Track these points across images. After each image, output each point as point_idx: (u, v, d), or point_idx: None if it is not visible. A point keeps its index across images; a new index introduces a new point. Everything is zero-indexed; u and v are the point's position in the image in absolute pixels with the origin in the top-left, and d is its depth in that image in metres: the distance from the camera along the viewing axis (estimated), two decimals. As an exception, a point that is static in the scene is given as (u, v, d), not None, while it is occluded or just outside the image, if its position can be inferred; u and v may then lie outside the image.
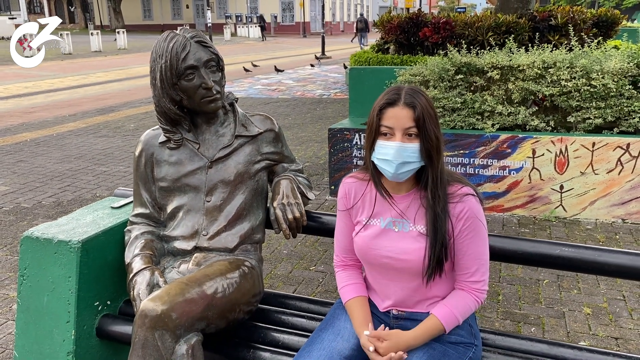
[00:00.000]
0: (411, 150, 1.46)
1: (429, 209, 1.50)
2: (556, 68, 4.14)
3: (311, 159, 6.11)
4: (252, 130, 1.97)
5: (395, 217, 1.56)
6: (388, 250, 1.55)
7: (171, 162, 1.93)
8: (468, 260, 1.52)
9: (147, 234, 1.92)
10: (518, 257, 1.80)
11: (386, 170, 1.50)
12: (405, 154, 1.45)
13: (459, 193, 1.51)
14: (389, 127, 1.47)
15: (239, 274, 1.79)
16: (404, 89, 1.49)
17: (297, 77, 14.70)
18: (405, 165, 1.47)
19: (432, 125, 1.46)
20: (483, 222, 1.53)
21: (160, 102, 1.86)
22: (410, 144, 1.46)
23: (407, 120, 1.45)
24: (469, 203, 1.50)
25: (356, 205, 1.64)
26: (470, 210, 1.50)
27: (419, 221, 1.53)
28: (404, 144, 1.46)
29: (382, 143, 1.48)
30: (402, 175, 1.49)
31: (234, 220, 1.91)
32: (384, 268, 1.57)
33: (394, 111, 1.47)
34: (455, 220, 1.50)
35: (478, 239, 1.52)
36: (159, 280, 1.76)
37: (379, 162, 1.50)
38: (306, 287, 3.17)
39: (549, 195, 4.18)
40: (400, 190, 1.57)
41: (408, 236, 1.54)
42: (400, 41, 8.32)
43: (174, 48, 1.78)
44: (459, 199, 1.50)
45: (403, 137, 1.46)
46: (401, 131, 1.46)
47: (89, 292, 1.90)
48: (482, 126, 4.25)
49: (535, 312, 2.91)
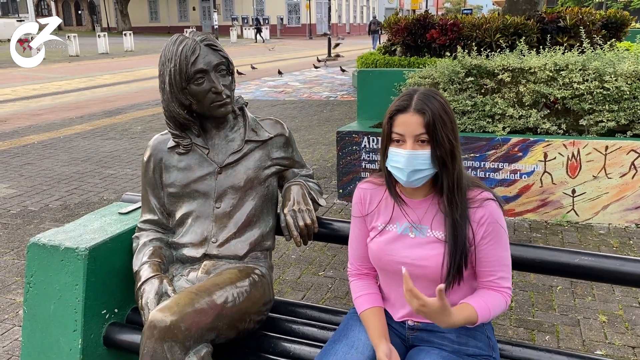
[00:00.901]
0: (422, 158, 1.42)
1: (447, 215, 1.46)
2: (568, 70, 4.08)
3: (319, 161, 6.07)
4: (262, 135, 1.93)
5: (412, 223, 1.52)
6: (403, 256, 1.50)
7: (180, 167, 1.89)
8: (491, 266, 1.48)
9: (155, 241, 1.89)
10: (536, 265, 1.75)
11: (399, 177, 1.47)
12: (416, 161, 1.42)
13: (479, 198, 1.47)
14: (400, 134, 1.44)
15: (249, 283, 1.75)
16: (417, 94, 1.45)
17: (304, 79, 14.67)
18: (417, 172, 1.43)
19: (446, 130, 1.42)
20: (504, 227, 1.48)
21: (169, 107, 1.82)
22: (422, 150, 1.42)
23: (417, 126, 1.41)
24: (490, 208, 1.46)
25: (372, 211, 1.60)
26: (491, 216, 1.46)
27: (437, 227, 1.49)
28: (415, 152, 1.42)
29: (394, 150, 1.45)
30: (416, 182, 1.46)
31: (243, 227, 1.87)
32: (399, 275, 1.53)
33: (404, 118, 1.43)
34: (476, 226, 1.46)
35: (500, 245, 1.48)
36: (167, 288, 1.72)
37: (392, 170, 1.47)
38: (315, 293, 3.13)
39: (560, 199, 4.12)
40: (417, 196, 1.52)
41: (425, 242, 1.49)
42: (407, 43, 8.29)
43: (184, 52, 1.74)
44: (479, 204, 1.46)
45: (414, 143, 1.42)
46: (412, 138, 1.42)
47: (96, 300, 1.86)
48: (493, 129, 4.19)
49: (549, 319, 2.85)
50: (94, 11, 53.16)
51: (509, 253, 1.51)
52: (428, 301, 1.31)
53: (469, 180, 1.51)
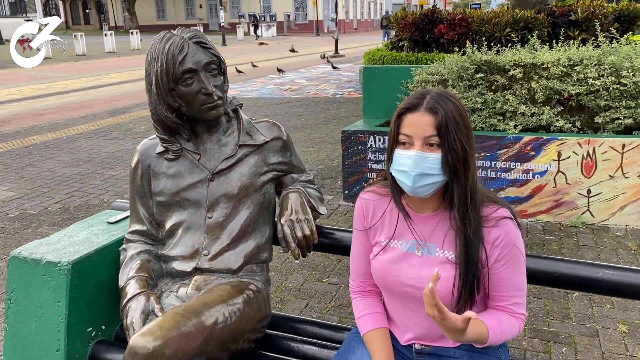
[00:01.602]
0: (431, 161, 1.27)
1: (458, 232, 1.31)
2: (583, 65, 3.91)
3: (324, 161, 5.93)
4: (257, 139, 1.79)
5: (419, 240, 1.38)
6: (410, 278, 1.36)
7: (169, 174, 1.76)
8: (506, 290, 1.34)
9: (143, 254, 1.76)
10: (554, 279, 1.60)
11: (404, 183, 1.31)
12: (424, 164, 1.27)
13: (494, 216, 1.32)
14: (408, 135, 1.29)
15: (242, 300, 1.61)
16: (430, 93, 1.31)
17: (310, 76, 14.52)
18: (424, 177, 1.28)
19: (460, 135, 1.27)
20: (521, 249, 1.33)
21: (156, 110, 1.70)
22: (431, 153, 1.27)
23: (428, 127, 1.27)
24: (506, 228, 1.31)
25: (375, 225, 1.46)
26: (507, 237, 1.31)
27: (447, 246, 1.34)
28: (424, 154, 1.27)
29: (400, 152, 1.30)
30: (422, 190, 1.30)
31: (237, 238, 1.73)
32: (405, 297, 1.39)
33: (413, 117, 1.29)
34: (490, 248, 1.31)
35: (516, 269, 1.33)
36: (154, 306, 1.59)
37: (397, 174, 1.32)
38: (319, 301, 3.00)
39: (575, 200, 3.95)
40: (425, 209, 1.38)
41: (433, 262, 1.35)
42: (415, 38, 8.11)
43: (171, 50, 1.61)
44: (495, 223, 1.31)
45: (423, 146, 1.28)
46: (421, 140, 1.27)
47: (80, 317, 1.74)
48: (504, 127, 4.04)
49: (565, 329, 2.70)
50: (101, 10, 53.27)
51: (524, 277, 1.36)
52: (450, 317, 1.16)
53: (484, 194, 1.36)
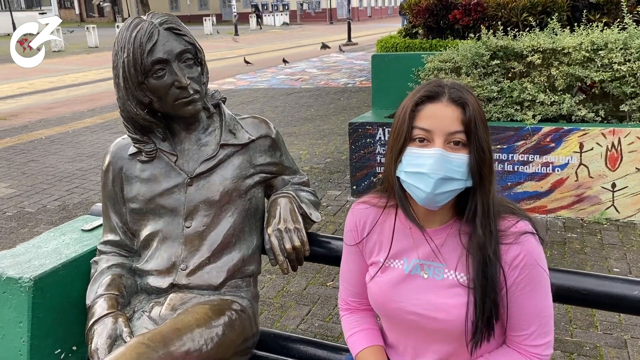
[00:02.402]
0: (457, 163, 1.04)
1: (475, 250, 1.09)
2: (607, 50, 3.63)
3: (333, 154, 5.72)
4: (241, 138, 1.59)
5: (424, 259, 1.16)
6: (414, 305, 1.15)
7: (143, 178, 1.56)
8: (525, 318, 1.11)
9: (115, 268, 1.57)
10: (581, 297, 1.38)
11: (418, 189, 1.06)
12: (448, 166, 1.04)
13: (513, 231, 1.10)
14: (427, 129, 1.05)
15: (223, 323, 1.42)
16: (449, 83, 1.09)
17: (322, 66, 14.26)
18: (447, 183, 1.04)
19: (484, 133, 1.06)
20: (545, 269, 1.11)
21: (125, 106, 1.50)
22: (456, 154, 1.05)
23: (453, 121, 1.04)
24: (527, 245, 1.09)
25: (370, 241, 1.25)
26: (529, 256, 1.08)
27: (458, 266, 1.13)
28: (448, 153, 1.04)
29: (415, 151, 1.06)
30: (440, 198, 1.07)
31: (219, 250, 1.54)
32: (410, 327, 1.18)
33: (435, 108, 1.06)
34: (508, 269, 1.09)
35: (538, 292, 1.10)
36: (122, 330, 1.40)
37: (409, 178, 1.08)
38: (322, 307, 2.80)
39: (598, 194, 3.70)
40: (432, 222, 1.16)
41: (442, 286, 1.14)
42: (429, 25, 7.85)
43: (138, 38, 1.41)
44: (514, 239, 1.09)
45: (445, 144, 1.05)
46: (443, 136, 1.04)
47: (46, 338, 1.56)
48: (522, 117, 3.78)
49: (590, 339, 2.47)
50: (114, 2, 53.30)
51: (549, 301, 1.13)
52: None
53: (500, 202, 1.14)
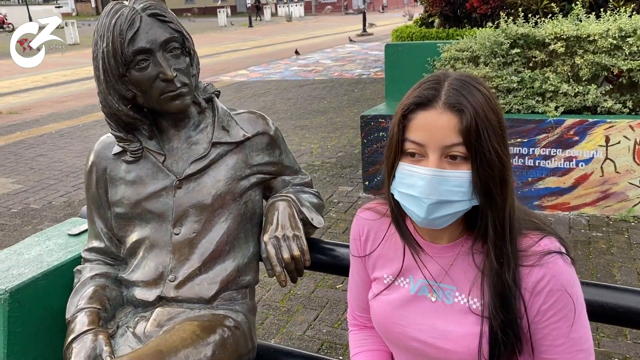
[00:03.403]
0: (455, 183, 0.88)
1: (490, 274, 0.93)
2: (637, 36, 3.41)
3: (345, 147, 5.56)
4: (235, 135, 1.44)
5: (431, 279, 1.01)
6: (419, 330, 1.00)
7: (128, 180, 1.43)
8: (556, 353, 0.94)
9: (99, 278, 1.44)
10: (618, 317, 1.21)
11: (412, 212, 0.93)
12: (443, 188, 0.88)
13: (536, 250, 0.93)
14: (418, 143, 0.89)
15: (213, 343, 1.27)
16: (448, 80, 0.91)
17: (336, 57, 14.05)
18: (444, 206, 0.89)
19: (494, 142, 0.87)
20: (577, 293, 0.93)
21: (107, 101, 1.36)
22: (454, 171, 0.88)
23: (449, 132, 0.87)
24: (553, 268, 0.92)
25: (374, 254, 1.10)
26: (554, 279, 0.91)
27: (470, 290, 0.97)
28: (443, 172, 0.88)
29: (406, 168, 0.91)
30: (439, 222, 0.92)
31: (212, 259, 1.39)
32: (414, 355, 1.03)
33: (427, 117, 0.89)
34: (530, 296, 0.92)
35: (569, 322, 0.92)
36: (102, 349, 1.27)
37: (402, 199, 0.94)
38: (330, 312, 2.65)
39: (625, 190, 3.49)
40: (439, 238, 1.00)
41: (452, 311, 0.98)
42: (445, 14, 7.65)
43: (118, 25, 1.27)
44: (536, 261, 0.92)
45: (441, 160, 0.88)
46: (438, 151, 0.88)
47: (24, 355, 1.44)
48: (544, 109, 3.58)
49: (619, 349, 2.29)
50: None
51: (586, 331, 0.95)
52: None
53: (522, 216, 0.97)
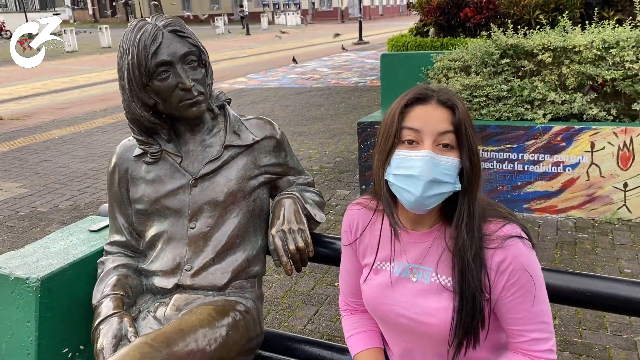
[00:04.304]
0: (446, 166, 1.03)
1: (456, 254, 1.08)
2: (619, 48, 3.59)
3: (343, 153, 5.72)
4: (245, 139, 1.59)
5: (412, 262, 1.16)
6: (404, 308, 1.15)
7: (148, 179, 1.58)
8: (519, 325, 1.09)
9: (121, 268, 1.59)
10: (587, 300, 1.37)
11: (408, 191, 1.06)
12: (438, 169, 1.03)
13: (499, 235, 1.08)
14: (416, 129, 1.05)
15: (227, 324, 1.43)
16: (436, 88, 1.10)
17: (333, 65, 14.26)
18: (436, 186, 1.04)
19: (473, 137, 1.06)
20: (535, 274, 1.08)
21: (130, 108, 1.51)
22: (445, 157, 1.04)
23: (443, 122, 1.04)
24: (514, 250, 1.07)
25: (363, 242, 1.25)
26: (515, 261, 1.06)
27: (444, 270, 1.12)
28: (437, 156, 1.03)
29: (404, 153, 1.05)
30: (429, 202, 1.06)
31: (224, 250, 1.55)
32: (401, 329, 1.18)
33: (424, 109, 1.06)
34: (494, 275, 1.07)
35: (530, 298, 1.08)
36: (127, 330, 1.42)
37: (398, 181, 1.07)
38: (329, 307, 2.80)
39: (610, 194, 3.66)
40: (420, 225, 1.16)
41: (430, 290, 1.13)
42: (440, 23, 7.83)
43: (142, 40, 1.42)
44: (499, 244, 1.07)
45: (434, 146, 1.04)
46: (432, 136, 1.04)
47: (54, 338, 1.58)
48: (532, 116, 3.75)
49: (599, 340, 2.45)
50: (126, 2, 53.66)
51: (545, 305, 1.10)
52: None
53: (489, 206, 1.12)
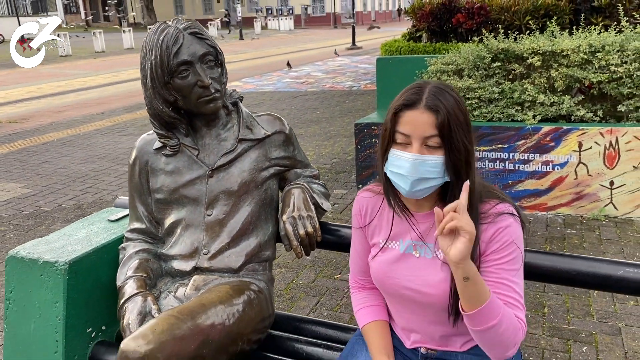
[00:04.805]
0: (431, 164, 1.18)
1: None
2: (605, 52, 3.76)
3: (339, 154, 5.86)
4: (257, 133, 1.73)
5: (415, 240, 1.30)
6: (408, 280, 1.29)
7: (167, 170, 1.71)
8: (497, 288, 1.21)
9: (142, 253, 1.71)
10: (572, 278, 1.51)
11: (400, 186, 1.23)
12: (423, 168, 1.18)
13: (492, 212, 1.22)
14: (405, 134, 1.20)
15: (242, 301, 1.55)
16: (428, 87, 1.21)
17: (327, 69, 14.42)
18: (423, 182, 1.20)
19: (461, 134, 1.18)
20: (519, 248, 1.22)
21: (152, 104, 1.64)
22: (431, 156, 1.18)
23: (428, 127, 1.18)
24: (503, 224, 1.21)
25: (372, 224, 1.39)
26: (504, 232, 1.20)
27: None
28: (423, 157, 1.18)
29: (396, 153, 1.21)
30: (419, 193, 1.23)
31: (238, 236, 1.67)
32: (405, 300, 1.32)
33: (412, 115, 1.19)
34: (485, 246, 1.21)
35: (510, 269, 1.21)
36: (151, 307, 1.54)
37: (392, 176, 1.24)
38: (330, 298, 2.93)
39: (597, 192, 3.81)
40: (422, 207, 1.30)
41: (431, 264, 1.27)
42: (432, 29, 7.99)
43: (165, 41, 1.55)
44: (492, 219, 1.21)
45: (422, 147, 1.18)
46: (420, 140, 1.18)
47: (79, 318, 1.70)
48: (523, 118, 3.91)
49: (586, 327, 2.59)
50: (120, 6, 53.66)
51: (521, 282, 1.24)
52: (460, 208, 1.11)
53: (487, 189, 1.27)
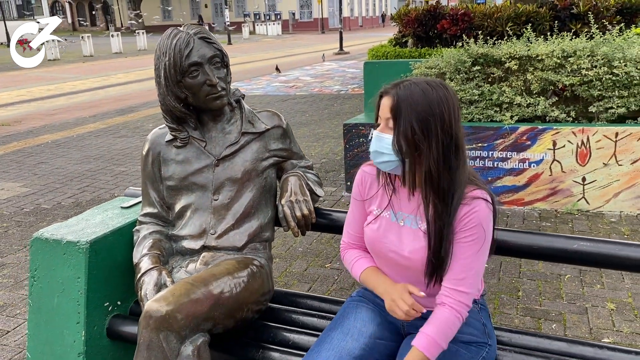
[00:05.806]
0: (385, 142, 1.43)
1: (426, 208, 1.45)
2: (576, 57, 4.02)
3: (328, 155, 6.07)
4: (258, 127, 1.94)
5: (403, 211, 1.52)
6: (395, 245, 1.52)
7: (178, 160, 1.91)
8: (458, 266, 1.43)
9: (155, 234, 1.91)
10: (534, 252, 1.73)
11: (371, 158, 1.50)
12: (380, 143, 1.44)
13: (469, 195, 1.44)
14: (379, 116, 1.47)
15: (247, 273, 1.76)
16: (411, 79, 1.45)
17: (315, 74, 14.66)
18: (380, 155, 1.45)
19: (413, 119, 1.38)
20: (487, 231, 1.44)
21: (165, 100, 1.84)
22: (385, 135, 1.43)
23: (387, 109, 1.43)
24: (475, 206, 1.42)
25: (369, 195, 1.61)
26: (474, 214, 1.42)
27: (422, 218, 1.48)
28: (380, 134, 1.44)
29: (374, 132, 1.48)
30: (383, 166, 1.48)
31: (242, 218, 1.88)
32: (391, 263, 1.54)
33: (384, 101, 1.46)
34: (458, 224, 1.43)
35: (474, 247, 1.42)
36: (166, 280, 1.74)
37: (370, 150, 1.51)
38: (321, 284, 3.14)
39: (570, 187, 4.07)
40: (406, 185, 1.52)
41: (413, 233, 1.49)
42: (418, 34, 8.24)
43: (177, 45, 1.76)
44: (467, 202, 1.43)
45: (386, 127, 1.44)
46: (384, 121, 1.44)
47: (98, 292, 1.89)
48: (501, 118, 4.16)
49: (556, 308, 2.82)
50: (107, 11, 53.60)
51: (481, 262, 1.45)
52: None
53: (471, 177, 1.47)
